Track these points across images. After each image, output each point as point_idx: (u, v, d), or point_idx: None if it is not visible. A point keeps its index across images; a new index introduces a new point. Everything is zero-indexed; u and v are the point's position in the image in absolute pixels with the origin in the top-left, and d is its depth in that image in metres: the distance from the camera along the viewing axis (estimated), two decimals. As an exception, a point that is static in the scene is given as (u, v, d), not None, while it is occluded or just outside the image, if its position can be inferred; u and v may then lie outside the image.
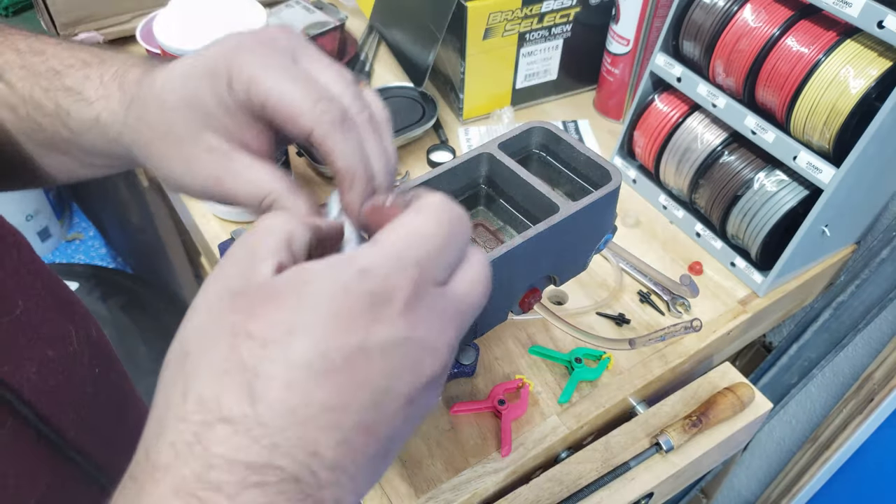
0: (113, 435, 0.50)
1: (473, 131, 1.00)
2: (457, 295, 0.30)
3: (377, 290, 0.27)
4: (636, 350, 0.75)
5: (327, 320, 0.27)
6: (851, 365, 0.98)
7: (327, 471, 0.27)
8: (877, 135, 0.66)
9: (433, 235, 0.29)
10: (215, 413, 0.26)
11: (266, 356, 0.26)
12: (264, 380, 0.26)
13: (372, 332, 0.27)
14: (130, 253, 2.05)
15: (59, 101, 0.42)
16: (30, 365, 0.41)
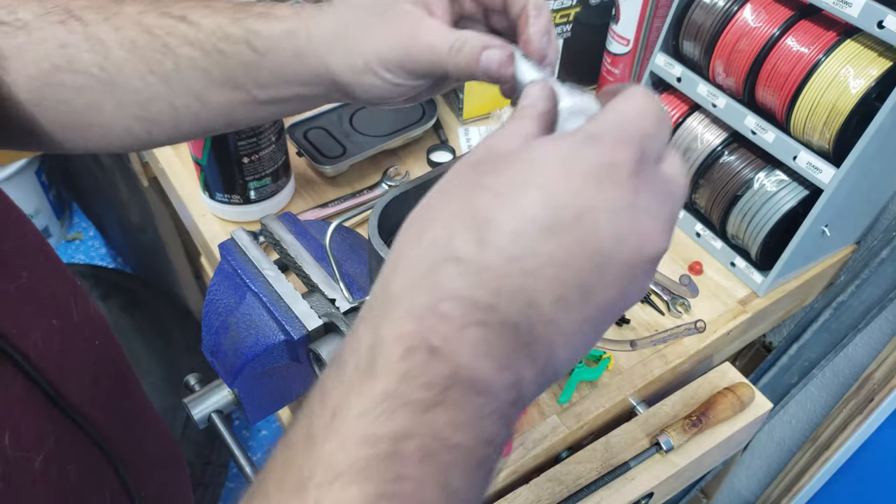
0: (113, 406, 0.51)
1: (473, 131, 1.00)
2: (668, 176, 0.31)
3: (606, 157, 0.29)
4: (636, 350, 0.75)
5: (559, 180, 0.28)
6: (851, 365, 0.98)
7: (543, 325, 0.28)
8: (877, 135, 0.66)
9: (651, 115, 0.31)
10: (447, 252, 0.28)
11: (498, 205, 0.28)
12: (494, 227, 0.28)
13: (600, 195, 0.28)
14: (130, 253, 2.05)
15: (249, 25, 0.46)
16: (35, 331, 0.43)
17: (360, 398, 0.26)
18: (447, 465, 0.26)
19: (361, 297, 0.54)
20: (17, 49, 0.47)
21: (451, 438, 0.26)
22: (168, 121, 0.50)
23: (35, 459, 0.40)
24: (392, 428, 0.26)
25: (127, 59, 0.48)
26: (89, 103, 0.49)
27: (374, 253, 0.48)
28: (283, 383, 0.62)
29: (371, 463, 0.25)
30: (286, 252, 0.61)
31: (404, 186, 0.51)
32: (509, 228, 0.28)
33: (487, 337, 0.27)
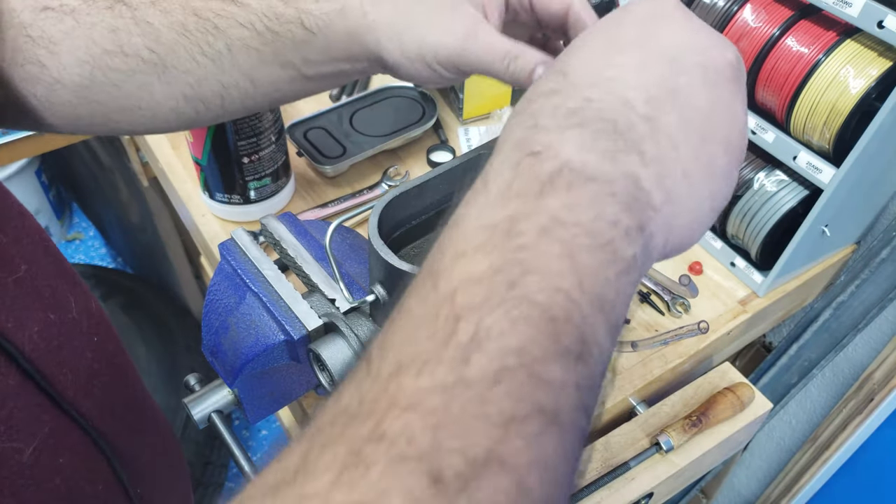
0: (110, 402, 0.51)
1: (473, 131, 1.00)
2: None
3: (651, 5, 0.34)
4: (637, 351, 0.75)
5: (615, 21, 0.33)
6: (851, 365, 0.98)
7: (642, 122, 0.30)
8: (877, 135, 0.66)
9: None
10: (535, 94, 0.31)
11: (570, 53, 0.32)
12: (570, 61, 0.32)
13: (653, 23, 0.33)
14: (130, 253, 2.05)
15: (300, 5, 0.48)
16: (32, 324, 0.43)
17: (476, 204, 0.29)
18: (569, 240, 0.27)
19: (361, 297, 0.54)
20: (66, 34, 0.48)
21: (568, 218, 0.27)
22: (216, 99, 0.52)
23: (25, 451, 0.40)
24: (506, 212, 0.27)
25: (177, 41, 0.49)
26: (140, 85, 0.51)
27: (374, 253, 0.48)
28: (283, 383, 0.62)
29: (491, 239, 0.27)
30: (286, 252, 0.61)
31: (404, 186, 0.51)
32: (584, 54, 0.32)
33: (587, 134, 0.29)
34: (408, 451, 0.23)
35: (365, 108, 0.97)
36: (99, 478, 0.48)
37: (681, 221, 0.31)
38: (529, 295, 0.26)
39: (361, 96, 0.98)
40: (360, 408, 0.24)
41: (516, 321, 0.25)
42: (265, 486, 0.24)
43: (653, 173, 0.29)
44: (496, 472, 0.23)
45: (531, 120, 0.30)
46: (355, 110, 0.96)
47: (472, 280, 0.26)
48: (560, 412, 0.25)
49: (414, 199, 0.53)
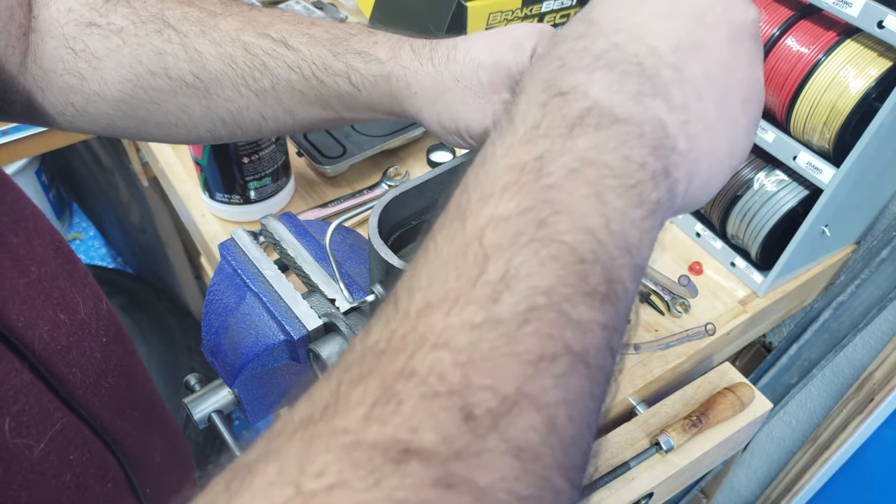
0: (119, 402, 0.51)
1: (473, 131, 1.00)
2: None
3: None
4: (640, 353, 0.75)
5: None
6: (851, 365, 0.98)
7: (668, 69, 0.29)
8: (877, 135, 0.66)
9: None
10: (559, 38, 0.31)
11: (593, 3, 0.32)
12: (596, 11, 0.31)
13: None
14: (130, 253, 2.05)
15: (349, 62, 0.50)
16: (42, 324, 0.44)
17: (503, 144, 0.28)
18: (596, 181, 0.27)
19: (361, 297, 0.54)
20: (112, 51, 0.50)
21: (596, 158, 0.27)
22: (253, 127, 0.54)
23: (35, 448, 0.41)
24: (534, 153, 0.27)
25: (224, 71, 0.51)
26: (180, 106, 0.52)
27: (374, 253, 0.48)
28: (283, 383, 0.62)
29: (519, 179, 0.26)
30: (286, 252, 0.61)
31: (404, 186, 0.51)
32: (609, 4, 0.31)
33: (615, 76, 0.29)
34: (439, 388, 0.23)
35: (365, 108, 0.97)
36: (108, 476, 0.48)
37: (702, 171, 0.31)
38: (558, 235, 0.25)
39: (361, 96, 0.98)
40: (390, 345, 0.24)
41: (545, 261, 0.25)
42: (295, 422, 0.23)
43: (678, 120, 0.29)
44: (526, 409, 0.23)
45: (558, 62, 0.29)
46: (355, 110, 0.96)
47: (501, 219, 0.26)
48: (587, 352, 0.25)
49: (414, 199, 0.53)
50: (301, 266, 0.59)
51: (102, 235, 2.25)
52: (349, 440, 0.22)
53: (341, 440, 0.22)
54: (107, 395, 0.49)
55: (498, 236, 0.25)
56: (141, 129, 0.54)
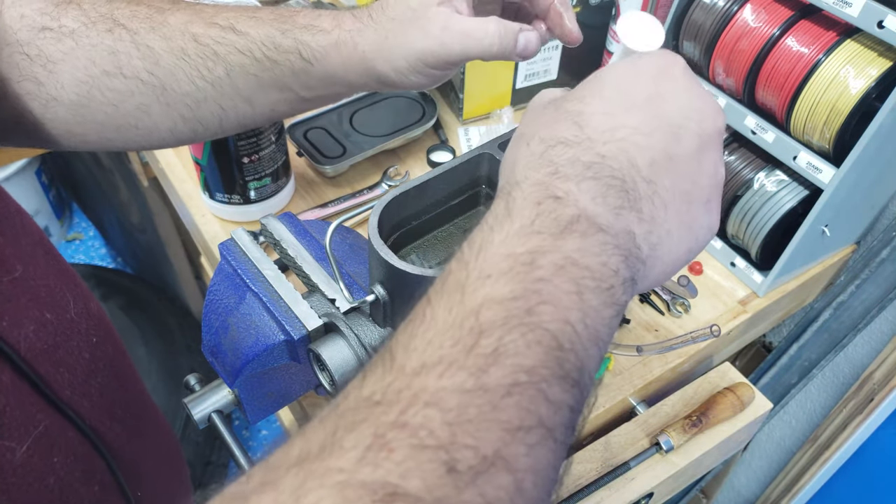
0: (108, 403, 0.51)
1: (473, 131, 1.00)
2: None
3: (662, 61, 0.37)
4: (644, 355, 0.75)
5: (629, 78, 0.36)
6: (851, 365, 0.98)
7: (643, 182, 0.34)
8: (877, 135, 0.66)
9: None
10: (554, 140, 0.35)
11: (585, 103, 0.36)
12: (587, 114, 0.35)
13: (661, 84, 0.36)
14: (130, 253, 2.05)
15: (298, 37, 0.51)
16: (28, 324, 0.43)
17: (501, 232, 0.32)
18: (578, 279, 0.31)
19: (361, 297, 0.54)
20: (66, 54, 0.50)
21: (580, 260, 0.31)
22: (214, 120, 0.54)
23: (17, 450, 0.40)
24: (528, 247, 0.31)
25: (177, 65, 0.51)
26: (138, 105, 0.52)
27: (374, 253, 0.48)
28: (283, 383, 0.62)
29: (514, 268, 0.30)
30: (286, 252, 0.61)
31: (404, 186, 0.51)
32: (599, 111, 0.35)
33: (600, 188, 0.33)
34: (428, 441, 0.25)
35: (365, 108, 0.97)
36: (94, 479, 0.48)
37: (657, 271, 0.35)
38: (543, 323, 0.29)
39: (361, 96, 0.98)
40: (384, 397, 0.27)
41: (531, 344, 0.29)
42: (292, 458, 0.26)
43: (644, 231, 0.34)
44: (501, 470, 0.26)
45: (551, 167, 0.34)
46: (355, 110, 0.96)
47: (496, 301, 0.29)
48: (556, 428, 0.28)
49: (414, 199, 0.53)
50: (301, 266, 0.59)
51: (102, 235, 2.25)
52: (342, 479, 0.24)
53: (335, 478, 0.24)
54: (96, 395, 0.49)
55: (492, 315, 0.29)
56: (101, 134, 0.54)
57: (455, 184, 0.54)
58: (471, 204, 0.57)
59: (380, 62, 0.50)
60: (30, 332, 0.43)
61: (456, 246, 0.34)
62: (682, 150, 0.35)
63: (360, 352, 0.54)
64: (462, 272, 0.31)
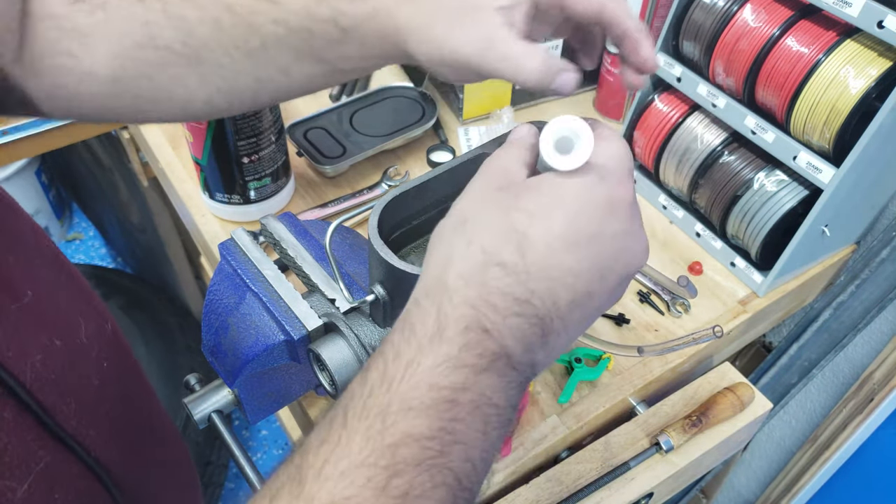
0: (116, 429, 0.50)
1: (473, 131, 1.00)
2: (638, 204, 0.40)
3: (612, 192, 0.37)
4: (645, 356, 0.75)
5: (579, 209, 0.36)
6: (851, 365, 0.98)
7: (558, 320, 0.36)
8: (877, 135, 0.66)
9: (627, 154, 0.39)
10: (494, 258, 0.35)
11: (532, 225, 0.35)
12: (530, 241, 0.35)
13: (607, 222, 0.36)
14: (130, 253, 2.05)
15: (334, 5, 0.48)
16: (35, 352, 0.43)
17: (430, 356, 0.33)
18: (488, 417, 0.34)
19: (361, 297, 0.54)
20: (98, 27, 0.49)
21: (493, 398, 0.34)
22: (249, 92, 0.53)
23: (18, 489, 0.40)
24: (453, 381, 0.33)
25: (211, 35, 0.49)
26: (172, 77, 0.51)
27: (374, 253, 0.48)
28: (283, 383, 0.62)
29: (436, 403, 0.32)
30: (286, 252, 0.61)
31: (404, 186, 0.51)
32: (542, 243, 0.35)
33: (523, 326, 0.35)
34: None
35: (365, 108, 0.97)
36: None
37: None
38: (451, 463, 0.32)
39: (361, 96, 0.98)
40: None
41: (437, 485, 0.32)
42: None
43: (546, 353, 0.37)
44: None
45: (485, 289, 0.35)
46: (355, 110, 0.96)
47: (414, 438, 0.32)
48: None
49: (414, 199, 0.53)
50: (301, 266, 0.59)
51: (102, 235, 2.25)
52: None
53: None
54: (103, 423, 0.48)
55: (408, 453, 0.32)
56: (135, 107, 0.53)
57: (455, 184, 0.54)
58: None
59: (413, 42, 0.47)
60: (37, 362, 0.42)
61: None
62: (603, 288, 0.37)
63: (360, 352, 0.54)
64: (384, 395, 0.33)
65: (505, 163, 0.40)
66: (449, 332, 0.34)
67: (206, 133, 0.77)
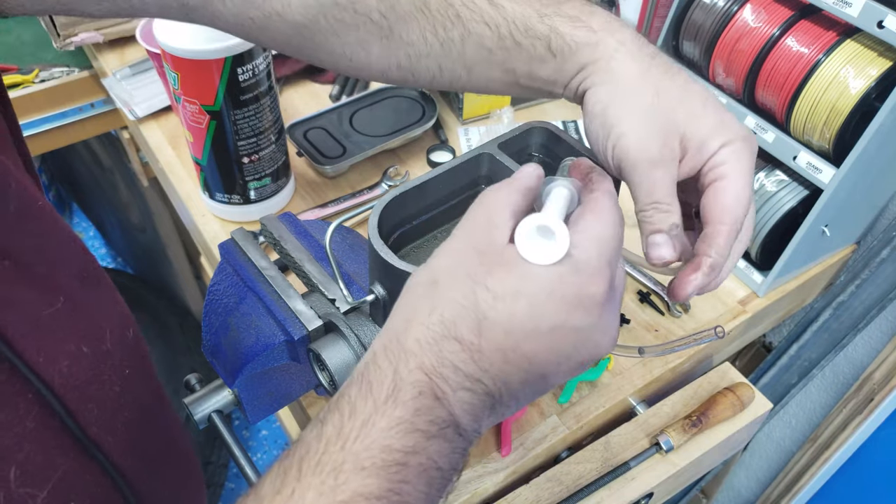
0: (135, 436, 0.50)
1: (473, 131, 1.00)
2: (618, 291, 0.39)
3: (584, 288, 0.36)
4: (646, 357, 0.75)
5: (545, 299, 0.35)
6: (851, 365, 0.98)
7: (508, 396, 0.37)
8: (877, 135, 0.66)
9: (617, 234, 0.38)
10: (452, 332, 0.36)
11: (495, 307, 0.35)
12: (490, 323, 0.35)
13: (573, 315, 0.36)
14: (130, 253, 2.05)
15: (555, 24, 0.46)
16: (63, 358, 0.43)
17: (384, 418, 0.35)
18: (433, 481, 0.35)
19: (361, 297, 0.54)
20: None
21: (439, 462, 0.35)
22: (427, 75, 0.52)
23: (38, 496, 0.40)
24: (404, 445, 0.34)
25: (413, 14, 0.49)
26: (360, 40, 0.51)
27: (374, 253, 0.48)
28: (283, 383, 0.62)
29: (387, 465, 0.34)
30: (286, 252, 0.61)
31: (404, 186, 0.51)
32: (501, 329, 0.35)
33: (472, 400, 0.36)
34: None
35: (365, 108, 0.97)
36: None
37: None
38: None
39: (361, 96, 0.98)
40: None
41: None
42: None
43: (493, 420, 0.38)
44: None
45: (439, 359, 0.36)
46: (355, 110, 0.96)
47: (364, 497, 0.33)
48: None
49: (414, 199, 0.53)
50: (301, 266, 0.59)
51: (102, 235, 2.25)
52: None
53: None
54: (121, 430, 0.48)
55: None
56: (314, 54, 0.53)
57: (455, 184, 0.54)
58: (471, 204, 0.57)
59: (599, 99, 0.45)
60: (64, 368, 0.43)
61: None
62: (559, 370, 0.37)
63: (360, 352, 0.54)
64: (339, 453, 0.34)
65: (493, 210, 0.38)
66: (403, 395, 0.35)
67: (206, 133, 0.77)
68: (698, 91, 0.45)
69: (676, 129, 0.44)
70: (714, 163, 0.44)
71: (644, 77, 0.45)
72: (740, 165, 0.44)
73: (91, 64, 1.12)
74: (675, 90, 0.44)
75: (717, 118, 0.44)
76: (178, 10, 0.51)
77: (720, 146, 0.44)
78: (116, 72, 1.06)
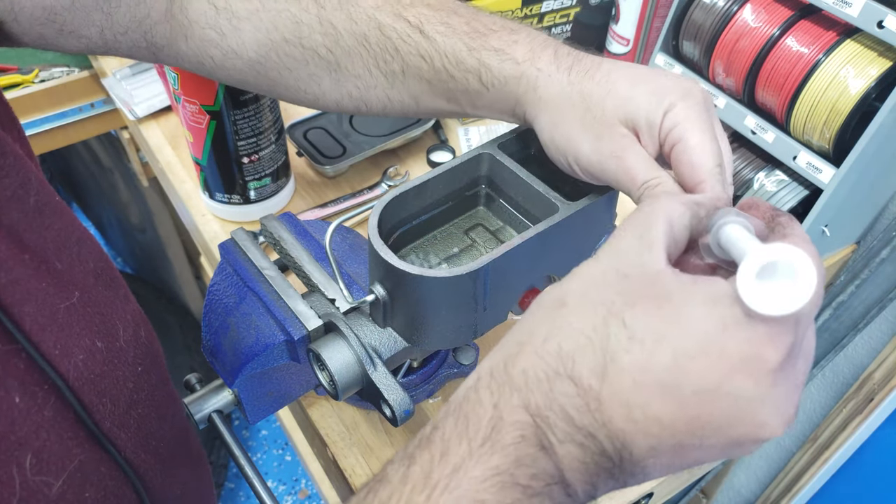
0: (147, 433, 0.51)
1: (473, 131, 1.00)
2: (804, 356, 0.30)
3: (756, 348, 0.27)
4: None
5: (696, 350, 0.28)
6: (851, 365, 0.98)
7: (632, 464, 0.30)
8: (877, 135, 0.66)
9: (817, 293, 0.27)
10: (567, 370, 0.30)
11: (629, 349, 0.29)
12: (618, 369, 0.29)
13: (732, 380, 0.28)
14: (130, 253, 2.05)
15: (483, 58, 0.48)
16: (78, 352, 0.43)
17: (479, 465, 0.30)
18: None
19: (361, 297, 0.54)
20: (251, 14, 0.52)
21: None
22: (378, 105, 0.55)
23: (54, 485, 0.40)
24: (500, 500, 0.29)
25: (356, 49, 0.51)
26: (311, 74, 0.54)
27: (374, 253, 0.48)
28: (283, 383, 0.62)
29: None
30: (286, 252, 0.61)
31: (404, 186, 0.51)
32: (630, 378, 0.28)
33: (583, 457, 0.30)
34: None
35: (365, 108, 0.97)
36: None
37: None
38: None
39: (361, 96, 0.98)
40: None
41: None
42: None
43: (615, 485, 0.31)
44: None
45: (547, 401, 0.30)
46: (355, 110, 0.96)
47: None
48: None
49: (414, 199, 0.53)
50: (301, 266, 0.59)
51: (102, 235, 2.25)
52: None
53: None
54: (134, 426, 0.49)
55: None
56: (272, 89, 0.56)
57: (455, 184, 0.54)
58: (471, 204, 0.57)
59: (545, 120, 0.47)
60: (79, 361, 0.43)
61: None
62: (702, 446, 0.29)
63: (360, 352, 0.54)
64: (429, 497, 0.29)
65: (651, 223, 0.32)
66: (503, 437, 0.30)
67: (206, 133, 0.77)
68: (624, 74, 0.45)
69: (616, 119, 0.44)
70: (665, 131, 0.43)
71: (567, 93, 0.46)
72: (690, 122, 0.42)
73: (91, 64, 1.12)
74: (598, 87, 0.45)
75: (648, 90, 0.43)
76: (146, 49, 0.54)
77: (664, 113, 0.43)
78: (116, 72, 1.06)
